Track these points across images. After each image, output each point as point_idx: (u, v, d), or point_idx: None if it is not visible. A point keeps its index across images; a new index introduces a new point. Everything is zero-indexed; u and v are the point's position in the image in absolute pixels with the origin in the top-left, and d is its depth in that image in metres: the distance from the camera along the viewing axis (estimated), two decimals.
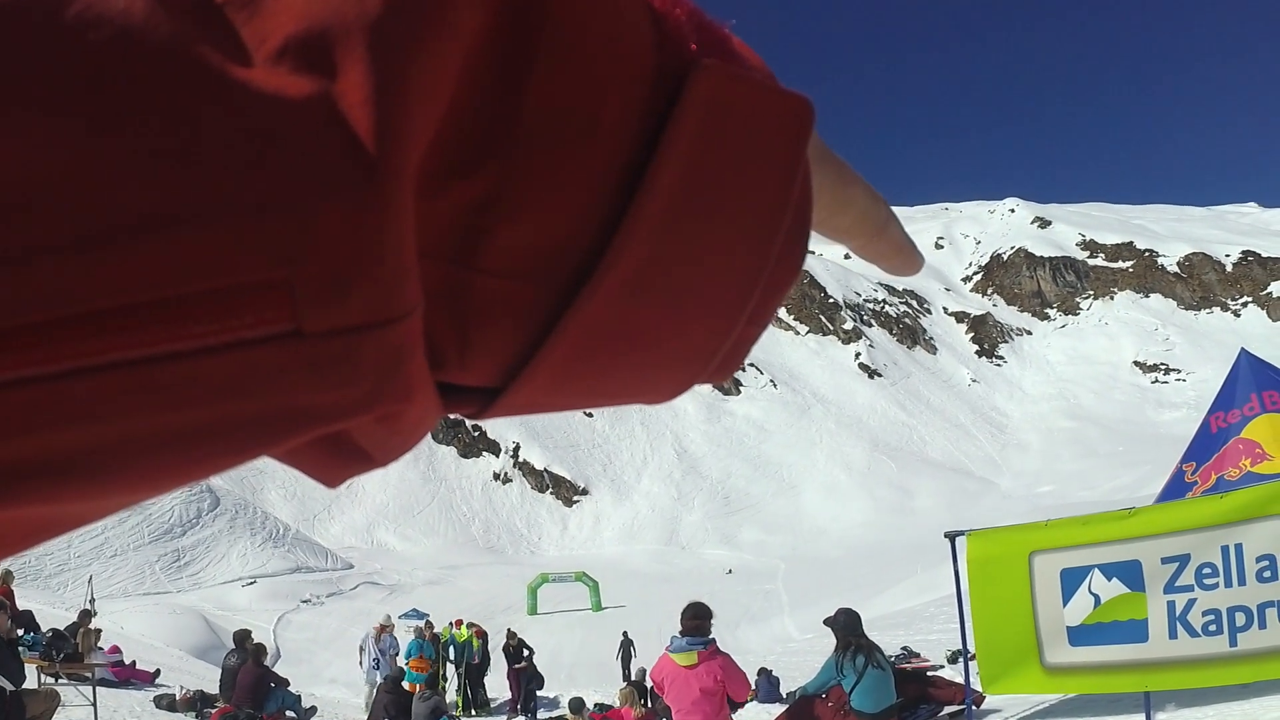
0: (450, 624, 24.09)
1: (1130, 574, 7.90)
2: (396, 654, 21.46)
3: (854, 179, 0.41)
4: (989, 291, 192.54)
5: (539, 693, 22.36)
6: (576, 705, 15.92)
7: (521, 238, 0.28)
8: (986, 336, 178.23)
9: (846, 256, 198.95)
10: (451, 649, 22.11)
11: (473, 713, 21.12)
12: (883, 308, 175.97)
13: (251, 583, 50.33)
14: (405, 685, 18.14)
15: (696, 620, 6.87)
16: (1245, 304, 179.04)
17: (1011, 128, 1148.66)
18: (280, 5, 0.23)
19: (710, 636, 6.88)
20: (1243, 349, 11.15)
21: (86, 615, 17.12)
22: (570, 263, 0.29)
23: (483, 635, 22.81)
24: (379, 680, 20.46)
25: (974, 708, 9.66)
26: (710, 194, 0.30)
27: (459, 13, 0.25)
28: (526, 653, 22.32)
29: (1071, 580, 8.17)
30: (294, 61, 0.23)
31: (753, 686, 15.27)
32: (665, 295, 0.31)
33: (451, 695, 21.25)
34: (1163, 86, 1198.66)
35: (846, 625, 8.40)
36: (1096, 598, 8.02)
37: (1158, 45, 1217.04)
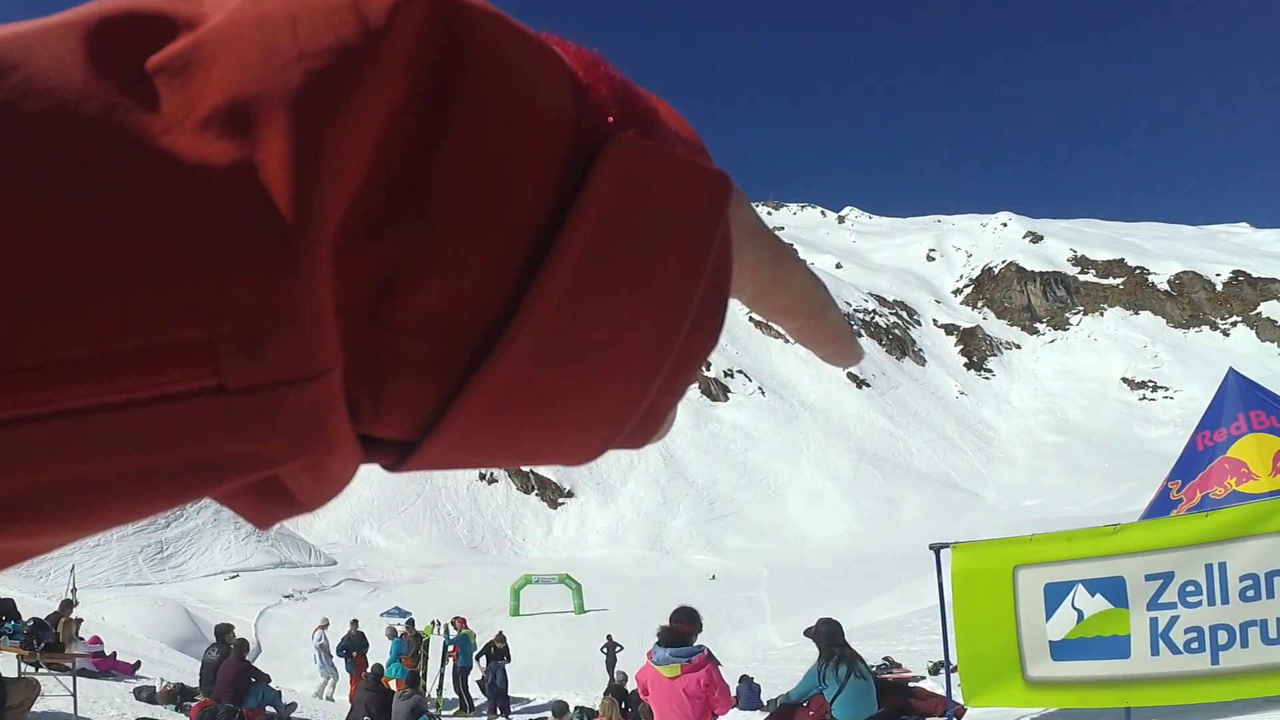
0: (431, 623, 24.00)
1: (1114, 590, 7.92)
2: (330, 652, 21.77)
3: (789, 258, 0.41)
4: (979, 305, 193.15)
5: (513, 694, 22.18)
6: (559, 709, 15.91)
7: (432, 300, 0.29)
8: (975, 349, 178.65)
9: (838, 266, 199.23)
10: (448, 646, 22.03)
11: (466, 712, 21.05)
12: (873, 318, 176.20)
13: (234, 576, 49.98)
14: (393, 683, 18.13)
15: (681, 628, 6.88)
16: (1234, 323, 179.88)
17: (1006, 143, 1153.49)
18: (209, 76, 0.25)
19: (698, 645, 6.88)
20: (1231, 368, 11.15)
21: (68, 605, 17.06)
22: (480, 326, 0.29)
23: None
24: (321, 675, 21.11)
25: None
26: (619, 264, 0.31)
27: (377, 84, 0.26)
28: (502, 662, 21.81)
29: (1055, 595, 8.18)
30: (218, 130, 0.24)
31: (734, 695, 15.29)
32: (574, 361, 0.31)
33: (432, 693, 21.17)
34: (1159, 105, 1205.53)
35: (828, 635, 8.39)
36: (1080, 613, 8.04)
37: (1154, 65, 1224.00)
